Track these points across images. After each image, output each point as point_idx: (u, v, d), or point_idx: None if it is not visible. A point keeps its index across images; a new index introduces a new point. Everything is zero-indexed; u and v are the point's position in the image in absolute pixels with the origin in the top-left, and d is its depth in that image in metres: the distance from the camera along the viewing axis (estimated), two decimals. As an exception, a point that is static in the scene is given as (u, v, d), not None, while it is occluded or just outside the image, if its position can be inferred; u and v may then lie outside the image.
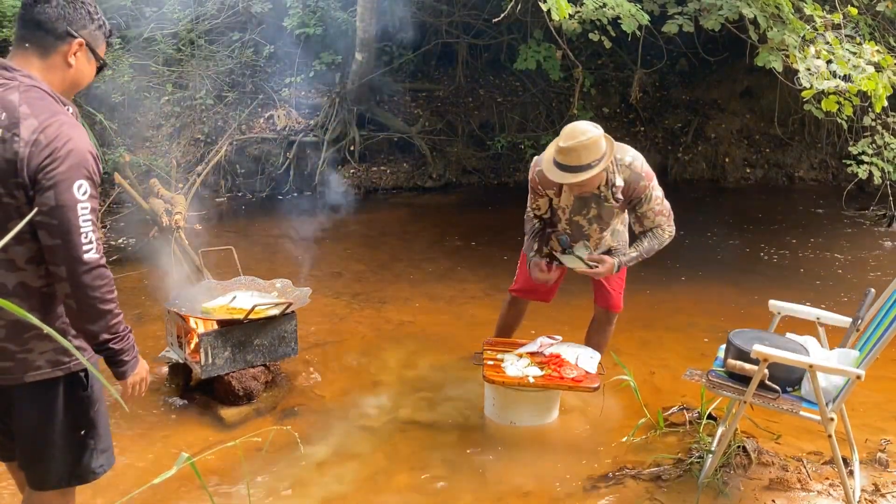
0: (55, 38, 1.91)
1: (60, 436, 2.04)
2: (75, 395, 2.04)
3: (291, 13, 8.45)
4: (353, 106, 8.55)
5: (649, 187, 3.26)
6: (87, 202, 1.84)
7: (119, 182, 5.79)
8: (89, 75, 2.02)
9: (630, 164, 3.26)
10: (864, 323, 2.95)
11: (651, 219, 3.33)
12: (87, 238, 1.85)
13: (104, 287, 1.90)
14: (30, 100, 1.84)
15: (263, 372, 3.62)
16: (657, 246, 3.38)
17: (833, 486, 2.94)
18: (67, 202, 1.81)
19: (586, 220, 3.41)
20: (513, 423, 3.41)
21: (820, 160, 9.92)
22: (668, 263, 6.27)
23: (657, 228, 3.35)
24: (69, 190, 1.81)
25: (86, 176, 1.85)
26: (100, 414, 2.12)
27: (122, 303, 2.07)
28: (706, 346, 4.38)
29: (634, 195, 3.28)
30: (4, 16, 6.53)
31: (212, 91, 8.32)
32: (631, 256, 3.40)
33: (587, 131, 3.10)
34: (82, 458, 2.09)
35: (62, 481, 2.09)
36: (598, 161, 3.09)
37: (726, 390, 2.76)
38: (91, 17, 1.96)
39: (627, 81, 9.73)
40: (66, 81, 1.96)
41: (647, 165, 3.31)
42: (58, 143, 1.82)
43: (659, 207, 3.32)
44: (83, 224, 1.84)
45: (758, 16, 5.22)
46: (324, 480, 3.00)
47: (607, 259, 3.34)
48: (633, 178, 3.25)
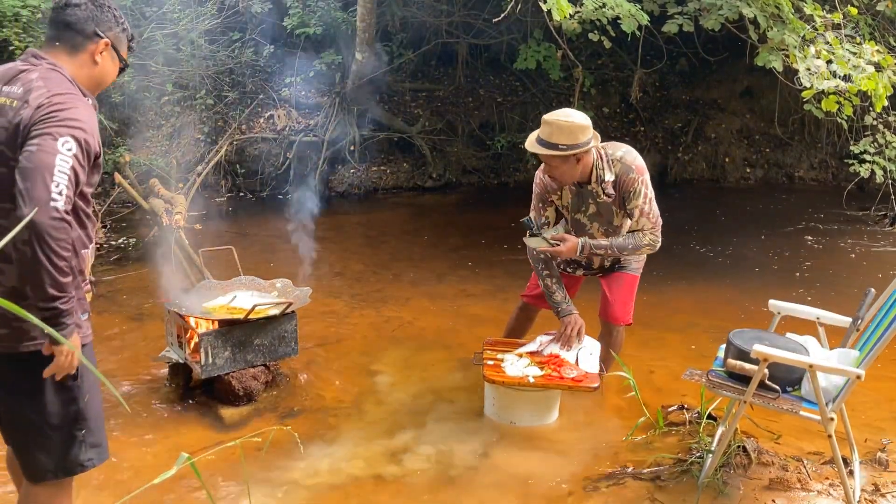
0: (84, 37, 2.07)
1: (49, 417, 2.06)
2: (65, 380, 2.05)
3: (291, 13, 8.46)
4: (353, 106, 8.55)
5: (638, 181, 3.24)
6: (68, 159, 1.88)
7: (119, 182, 5.80)
8: (112, 74, 2.19)
9: (621, 158, 3.27)
10: (864, 323, 2.94)
11: (636, 218, 3.31)
12: (59, 188, 1.85)
13: (63, 241, 1.86)
14: (47, 77, 1.99)
15: (263, 372, 3.62)
16: (632, 247, 3.32)
17: (833, 486, 2.94)
18: (48, 149, 1.86)
19: (587, 218, 3.39)
20: (513, 422, 3.41)
21: (820, 160, 9.92)
22: (668, 263, 6.27)
23: (639, 231, 3.32)
24: (54, 142, 1.87)
25: (75, 137, 1.90)
26: (91, 407, 2.13)
27: (122, 303, 2.07)
28: (706, 346, 4.38)
29: (625, 189, 3.26)
30: (4, 16, 6.53)
31: (212, 91, 8.32)
32: (600, 243, 3.31)
33: (572, 116, 3.16)
34: (71, 448, 2.11)
35: (49, 472, 2.11)
36: (568, 147, 3.10)
37: (726, 390, 2.76)
38: (116, 21, 2.14)
39: (627, 81, 9.74)
40: (92, 78, 2.12)
41: (639, 160, 3.30)
42: (59, 108, 1.91)
43: (646, 208, 3.29)
44: (58, 174, 1.85)
45: (758, 16, 5.22)
46: (324, 480, 2.99)
47: (570, 237, 3.29)
48: (623, 170, 3.25)
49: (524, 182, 9.11)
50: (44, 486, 2.13)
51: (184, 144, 8.16)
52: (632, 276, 3.56)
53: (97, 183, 2.13)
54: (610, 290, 3.55)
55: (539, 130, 3.21)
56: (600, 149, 3.28)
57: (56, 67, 2.03)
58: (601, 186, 3.26)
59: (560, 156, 3.14)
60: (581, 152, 3.14)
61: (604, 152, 3.28)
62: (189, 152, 8.09)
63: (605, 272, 3.59)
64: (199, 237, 5.28)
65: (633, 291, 3.58)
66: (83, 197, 2.05)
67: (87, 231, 2.11)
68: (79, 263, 2.06)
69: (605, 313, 3.60)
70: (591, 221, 3.40)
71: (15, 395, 2.06)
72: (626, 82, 9.86)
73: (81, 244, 2.08)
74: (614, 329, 3.59)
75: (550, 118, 3.17)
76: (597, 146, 3.25)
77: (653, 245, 3.35)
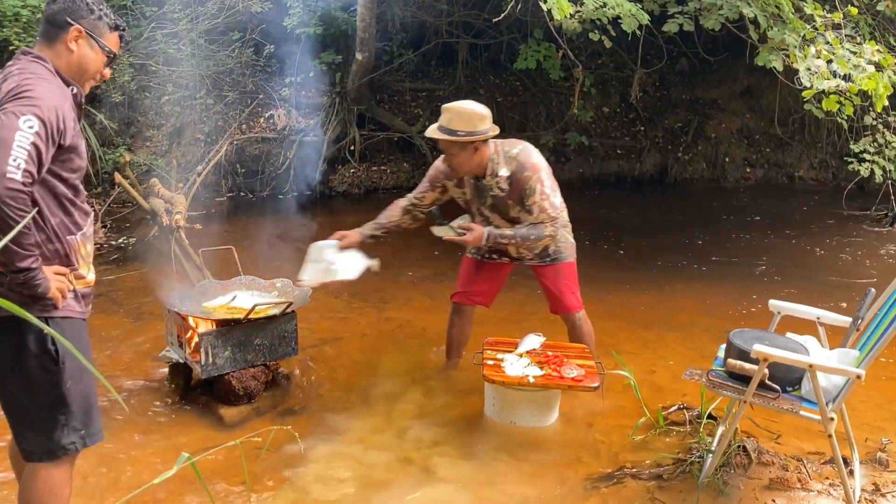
0: (57, 27, 2.16)
1: (34, 398, 2.14)
2: (45, 352, 2.11)
3: (292, 13, 8.45)
4: (354, 105, 8.55)
5: (533, 178, 3.32)
6: (29, 135, 1.93)
7: (119, 181, 5.78)
8: (95, 62, 2.22)
9: (517, 156, 3.36)
10: (864, 323, 2.94)
11: (535, 214, 3.38)
12: (16, 161, 1.90)
13: (19, 210, 1.91)
14: (25, 67, 2.08)
15: (263, 371, 3.62)
16: (534, 237, 3.41)
17: (833, 486, 2.94)
18: (9, 125, 1.91)
19: (487, 209, 3.50)
20: (513, 422, 3.40)
21: (820, 160, 9.92)
22: (668, 263, 6.28)
23: (540, 224, 3.40)
24: (15, 119, 1.93)
25: (38, 116, 1.95)
26: (72, 394, 2.18)
27: (122, 302, 2.09)
28: (706, 346, 4.38)
29: (521, 186, 3.34)
30: (5, 15, 6.53)
31: (212, 91, 8.32)
32: (504, 234, 3.41)
33: (472, 105, 3.29)
34: (54, 431, 2.17)
35: (34, 454, 2.19)
36: (465, 132, 3.21)
37: (726, 390, 2.76)
38: (90, 9, 2.19)
39: (627, 81, 9.74)
40: (71, 66, 2.18)
41: (536, 158, 3.39)
42: (24, 88, 1.99)
43: (545, 203, 3.37)
44: (16, 148, 1.90)
45: (758, 15, 5.21)
46: (324, 480, 2.99)
47: (476, 227, 3.40)
48: (518, 168, 3.34)
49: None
50: (38, 466, 2.20)
51: (184, 144, 8.16)
52: (567, 265, 3.65)
53: (79, 171, 2.18)
54: (552, 284, 3.64)
55: (440, 118, 3.31)
56: (497, 144, 3.40)
57: (38, 60, 2.13)
58: (495, 181, 3.36)
59: (458, 142, 3.24)
60: (478, 140, 3.25)
61: (500, 147, 3.40)
62: (189, 152, 8.09)
63: (537, 267, 3.66)
64: (199, 237, 5.27)
65: (575, 277, 3.69)
66: (65, 183, 2.12)
67: (72, 218, 2.17)
68: (63, 248, 2.15)
69: (556, 308, 3.71)
70: (492, 212, 3.50)
71: (5, 375, 2.15)
72: (626, 82, 9.86)
73: (66, 230, 2.15)
74: (572, 319, 3.69)
75: (451, 105, 3.29)
76: (494, 141, 3.37)
77: (553, 235, 3.46)
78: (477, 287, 3.74)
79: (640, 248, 6.77)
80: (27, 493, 2.21)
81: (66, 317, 2.18)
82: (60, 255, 2.14)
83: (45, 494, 2.19)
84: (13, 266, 1.97)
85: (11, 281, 2.01)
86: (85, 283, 2.26)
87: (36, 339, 2.09)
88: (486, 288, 3.75)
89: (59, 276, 2.12)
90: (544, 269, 3.63)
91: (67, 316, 2.18)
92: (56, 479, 2.21)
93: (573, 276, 3.66)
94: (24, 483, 2.23)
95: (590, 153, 9.63)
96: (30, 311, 2.03)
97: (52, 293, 2.07)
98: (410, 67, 9.50)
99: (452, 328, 3.86)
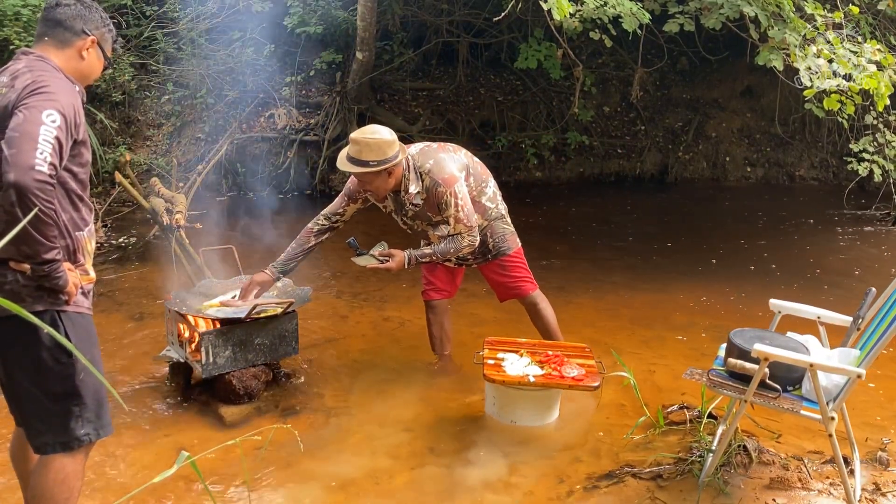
0: (72, 34, 2.22)
1: (47, 390, 2.16)
2: (58, 344, 2.12)
3: (292, 12, 8.45)
4: (354, 105, 8.54)
5: (447, 193, 3.39)
6: (52, 129, 1.97)
7: (119, 181, 5.78)
8: (97, 70, 2.33)
9: (429, 171, 3.41)
10: (864, 322, 2.94)
11: (452, 225, 3.46)
12: (42, 154, 1.93)
13: (48, 204, 1.95)
14: (33, 65, 2.12)
15: (264, 371, 3.62)
16: (453, 250, 3.50)
17: (834, 486, 2.94)
18: (33, 120, 1.96)
19: (410, 219, 3.58)
20: (513, 422, 3.41)
21: (821, 159, 9.92)
22: (668, 263, 6.28)
23: (458, 235, 3.48)
24: (38, 113, 1.97)
25: (59, 111, 2.00)
26: (85, 385, 2.20)
27: (122, 302, 2.10)
28: (706, 346, 4.38)
29: (436, 201, 3.42)
30: (5, 15, 6.53)
31: (212, 90, 8.31)
32: (424, 252, 3.51)
33: (377, 132, 3.31)
34: (68, 422, 2.19)
35: (48, 445, 2.20)
36: (378, 162, 3.26)
37: (727, 389, 2.76)
38: (103, 21, 2.30)
39: (628, 80, 9.73)
40: (78, 72, 2.25)
41: (448, 171, 3.42)
42: (42, 86, 2.03)
43: (460, 215, 3.43)
44: (42, 142, 1.94)
45: (759, 14, 5.20)
46: (324, 479, 2.99)
47: (397, 253, 3.49)
48: (431, 183, 3.41)
49: (525, 181, 9.11)
50: (52, 458, 2.20)
51: (184, 143, 8.16)
52: (511, 256, 3.73)
53: (87, 165, 2.22)
54: (502, 277, 3.75)
55: (348, 148, 3.36)
56: (409, 159, 3.44)
57: (43, 58, 2.16)
58: (408, 197, 3.44)
59: (371, 172, 3.29)
60: (391, 166, 3.30)
61: (412, 163, 3.44)
62: (189, 151, 8.09)
63: (482, 266, 3.78)
64: (200, 236, 5.27)
65: (523, 262, 3.78)
66: (75, 178, 2.15)
67: (80, 213, 2.20)
68: (73, 244, 2.17)
69: (509, 294, 3.82)
70: (413, 221, 3.58)
71: (16, 368, 2.16)
72: (626, 81, 9.86)
73: (74, 226, 2.18)
74: (529, 299, 3.79)
75: (358, 136, 3.32)
76: (408, 156, 3.42)
77: (472, 245, 3.53)
78: (438, 282, 3.86)
79: (640, 248, 6.76)
80: (38, 484, 2.20)
81: (78, 311, 2.20)
82: (70, 252, 2.17)
83: (57, 485, 2.19)
84: (38, 258, 2.00)
85: (34, 272, 2.03)
86: (88, 280, 2.28)
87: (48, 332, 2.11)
88: (446, 280, 3.87)
89: (72, 271, 2.14)
90: (489, 265, 3.76)
91: (79, 310, 2.21)
92: (69, 470, 2.21)
93: (522, 262, 3.77)
94: (36, 474, 2.22)
95: (590, 152, 9.63)
96: (42, 305, 2.11)
97: (69, 287, 2.10)
98: (411, 67, 9.49)
99: (431, 326, 3.98)
